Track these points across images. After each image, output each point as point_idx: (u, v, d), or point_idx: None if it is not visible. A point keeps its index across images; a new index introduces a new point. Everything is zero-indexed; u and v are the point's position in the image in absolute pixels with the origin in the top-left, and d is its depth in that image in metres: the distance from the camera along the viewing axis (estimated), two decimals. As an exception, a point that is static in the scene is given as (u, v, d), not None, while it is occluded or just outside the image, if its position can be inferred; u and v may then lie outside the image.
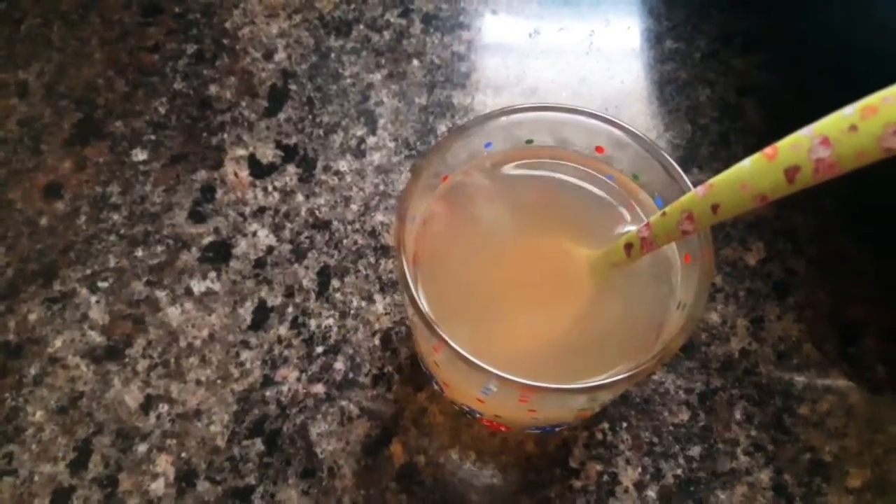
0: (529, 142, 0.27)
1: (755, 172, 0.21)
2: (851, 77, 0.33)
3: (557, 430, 0.31)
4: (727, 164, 0.21)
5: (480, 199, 0.28)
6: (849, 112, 0.20)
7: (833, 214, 0.36)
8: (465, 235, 0.27)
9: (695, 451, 0.32)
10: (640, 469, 0.31)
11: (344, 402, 0.32)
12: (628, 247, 0.24)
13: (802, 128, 0.21)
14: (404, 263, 0.24)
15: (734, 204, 0.21)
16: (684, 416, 0.32)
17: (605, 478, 0.31)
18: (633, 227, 0.26)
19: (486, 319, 0.26)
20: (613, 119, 0.25)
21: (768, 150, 0.22)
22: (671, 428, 0.32)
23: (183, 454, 0.31)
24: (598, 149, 0.27)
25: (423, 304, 0.24)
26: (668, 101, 0.39)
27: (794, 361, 0.33)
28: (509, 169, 0.28)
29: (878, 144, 0.19)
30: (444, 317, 0.24)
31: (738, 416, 0.32)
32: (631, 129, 0.25)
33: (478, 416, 0.30)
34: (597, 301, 0.26)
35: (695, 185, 0.22)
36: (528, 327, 0.26)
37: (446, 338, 0.22)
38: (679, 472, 0.31)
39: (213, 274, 0.35)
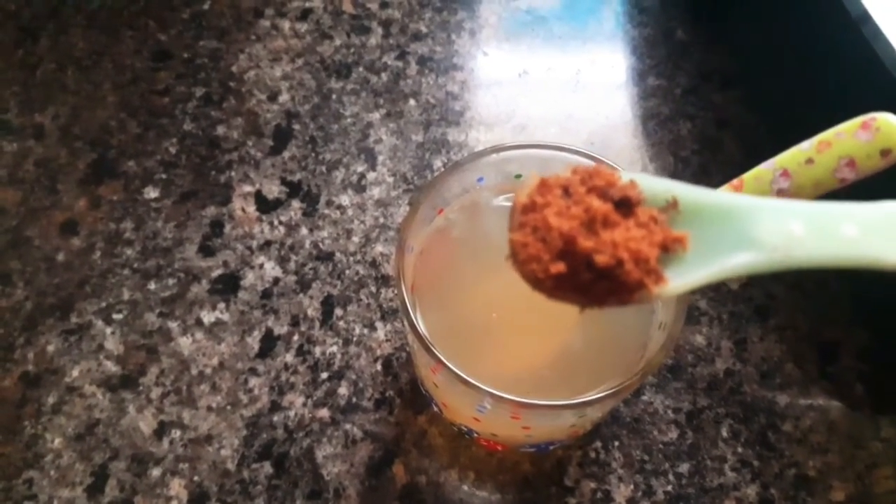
0: (518, 176, 0.29)
1: (724, 203, 0.22)
2: (818, 110, 0.35)
3: (551, 448, 0.32)
4: (708, 194, 0.22)
5: (474, 230, 0.30)
6: (806, 147, 0.22)
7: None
8: (459, 264, 0.29)
9: (684, 467, 0.33)
10: (632, 486, 0.33)
11: (348, 426, 0.34)
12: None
13: (764, 161, 0.23)
14: (404, 291, 0.25)
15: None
16: (673, 434, 0.34)
17: (599, 495, 0.33)
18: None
19: (480, 342, 0.28)
20: (594, 155, 0.27)
21: (735, 181, 0.24)
22: (661, 446, 0.34)
23: (195, 478, 0.33)
24: (583, 182, 0.29)
25: (422, 329, 0.25)
26: (651, 135, 0.41)
27: (776, 380, 0.35)
28: (500, 201, 0.30)
29: (832, 175, 0.21)
30: (441, 340, 0.25)
31: (724, 433, 0.34)
32: (610, 163, 0.27)
33: (475, 435, 0.31)
34: (584, 324, 0.28)
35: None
36: (520, 349, 0.28)
37: (443, 359, 0.24)
38: (669, 488, 0.33)
39: (222, 305, 0.36)
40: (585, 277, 0.16)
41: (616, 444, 0.34)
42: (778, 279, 0.37)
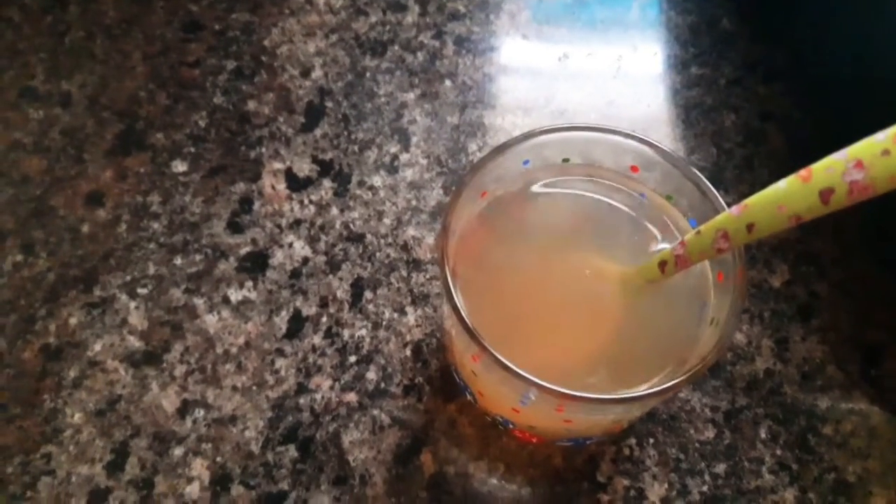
0: (566, 160, 0.28)
1: (790, 194, 0.21)
2: (867, 105, 0.33)
3: (588, 442, 0.31)
4: (752, 187, 0.21)
5: (517, 215, 0.29)
6: (881, 138, 0.20)
7: (854, 239, 0.37)
8: (501, 249, 0.28)
9: (720, 468, 0.32)
10: (666, 485, 0.32)
11: (376, 412, 0.33)
12: (662, 264, 0.25)
13: (835, 152, 0.22)
14: (447, 274, 0.24)
15: (769, 224, 0.21)
16: (710, 433, 0.33)
17: (632, 493, 0.32)
18: (666, 245, 0.27)
19: (521, 331, 0.27)
20: (650, 140, 0.26)
21: (803, 172, 0.23)
22: (697, 445, 0.33)
23: (218, 458, 0.32)
24: (633, 168, 0.28)
25: (464, 315, 0.24)
26: (693, 125, 0.40)
27: (817, 382, 0.34)
28: (546, 186, 0.29)
29: (910, 168, 0.20)
30: (482, 327, 0.24)
31: (763, 434, 0.33)
32: (667, 149, 0.26)
33: (510, 426, 0.30)
34: (630, 316, 0.27)
35: (728, 206, 0.23)
36: (563, 340, 0.27)
37: (488, 346, 0.23)
38: (705, 488, 0.32)
39: (249, 283, 0.36)
40: None
41: (651, 441, 0.33)
42: (823, 277, 0.36)
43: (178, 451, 0.32)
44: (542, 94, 0.41)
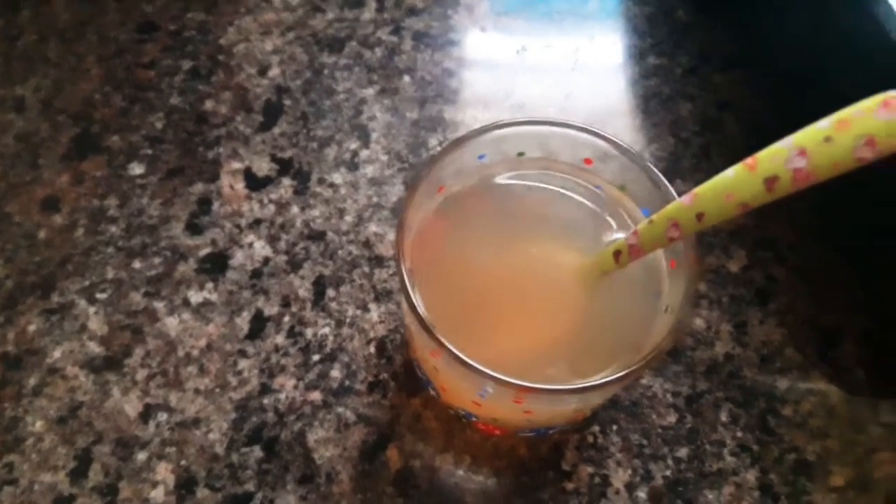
0: (521, 154, 0.28)
1: (737, 182, 0.22)
2: (823, 93, 0.34)
3: (550, 432, 0.32)
4: (708, 176, 0.22)
5: (474, 209, 0.29)
6: (824, 125, 0.21)
7: (811, 224, 0.38)
8: (459, 244, 0.28)
9: (683, 452, 0.33)
10: (630, 470, 0.32)
11: (340, 409, 0.33)
12: (617, 254, 0.25)
13: (780, 140, 0.22)
14: (404, 271, 0.24)
15: (718, 212, 0.22)
16: (672, 418, 0.33)
17: (597, 479, 0.32)
18: (621, 235, 0.27)
19: (480, 325, 0.27)
20: (602, 132, 0.26)
21: (749, 160, 0.23)
22: (659, 430, 0.33)
23: (182, 462, 0.32)
24: (587, 161, 0.28)
25: (422, 311, 0.24)
26: (651, 115, 0.40)
27: (776, 365, 0.34)
28: (502, 180, 0.29)
29: (851, 155, 0.20)
30: (441, 322, 0.24)
31: (723, 417, 0.33)
32: (619, 141, 0.26)
33: (473, 419, 0.30)
34: (587, 306, 0.27)
35: (679, 196, 0.23)
36: (521, 332, 0.27)
37: (445, 343, 0.23)
38: (668, 472, 0.32)
39: (210, 285, 0.35)
40: None
41: (614, 428, 0.33)
42: (780, 262, 0.37)
43: (141, 456, 0.32)
44: (501, 88, 0.41)
